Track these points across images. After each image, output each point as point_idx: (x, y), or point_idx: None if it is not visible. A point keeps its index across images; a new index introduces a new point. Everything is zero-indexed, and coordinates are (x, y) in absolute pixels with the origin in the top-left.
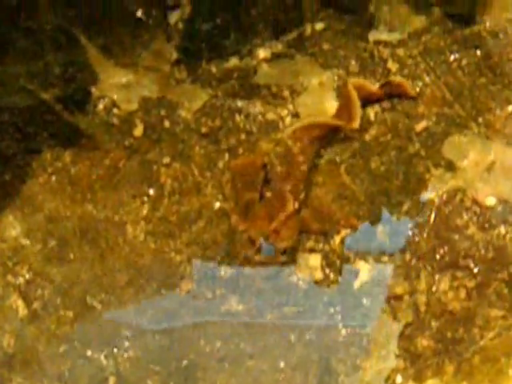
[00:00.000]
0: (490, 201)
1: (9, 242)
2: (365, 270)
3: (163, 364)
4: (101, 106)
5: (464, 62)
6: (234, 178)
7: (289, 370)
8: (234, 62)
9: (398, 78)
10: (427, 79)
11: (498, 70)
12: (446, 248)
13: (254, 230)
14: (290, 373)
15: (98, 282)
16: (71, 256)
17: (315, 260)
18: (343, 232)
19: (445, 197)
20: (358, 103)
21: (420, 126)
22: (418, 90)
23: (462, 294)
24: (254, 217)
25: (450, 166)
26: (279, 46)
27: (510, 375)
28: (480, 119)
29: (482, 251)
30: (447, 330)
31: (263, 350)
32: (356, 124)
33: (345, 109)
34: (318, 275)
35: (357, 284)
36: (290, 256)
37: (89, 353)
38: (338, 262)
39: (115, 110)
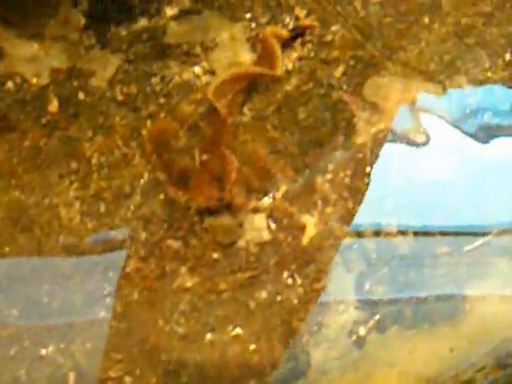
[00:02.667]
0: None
1: None
2: (311, 224)
3: (124, 351)
4: (10, 84)
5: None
6: (155, 146)
7: (253, 338)
8: (142, 22)
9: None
10: (336, 23)
11: (402, 8)
12: None
13: (202, 196)
14: (254, 341)
15: (40, 274)
16: (6, 249)
17: (261, 220)
18: (283, 187)
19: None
20: (279, 51)
21: (338, 71)
22: (329, 37)
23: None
24: (197, 183)
25: (375, 108)
26: (186, 2)
27: None
28: (394, 58)
29: None
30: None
31: (224, 321)
32: (279, 70)
33: (265, 58)
34: (266, 236)
35: (305, 239)
36: (242, 215)
37: (43, 352)
38: (283, 219)
39: (26, 86)
